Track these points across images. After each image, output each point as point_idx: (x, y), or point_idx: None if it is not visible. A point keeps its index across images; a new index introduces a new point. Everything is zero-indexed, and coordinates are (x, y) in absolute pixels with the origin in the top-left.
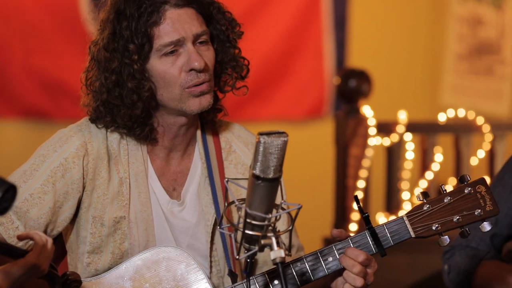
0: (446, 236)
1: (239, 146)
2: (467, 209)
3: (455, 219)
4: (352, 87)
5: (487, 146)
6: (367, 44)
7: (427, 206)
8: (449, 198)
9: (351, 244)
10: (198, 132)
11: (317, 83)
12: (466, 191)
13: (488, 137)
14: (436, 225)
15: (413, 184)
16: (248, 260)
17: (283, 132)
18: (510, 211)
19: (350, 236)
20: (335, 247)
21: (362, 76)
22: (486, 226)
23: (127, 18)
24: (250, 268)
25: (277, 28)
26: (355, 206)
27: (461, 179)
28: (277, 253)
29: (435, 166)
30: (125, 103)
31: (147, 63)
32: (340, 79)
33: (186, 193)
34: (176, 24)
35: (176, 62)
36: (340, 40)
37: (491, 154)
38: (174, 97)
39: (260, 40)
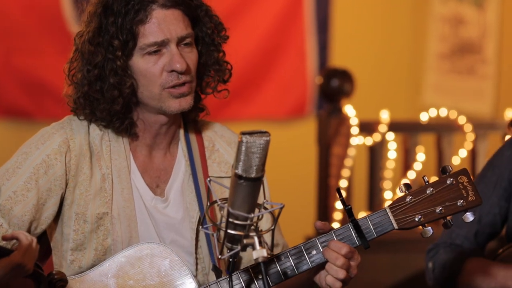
0: (429, 228)
1: (222, 145)
2: (450, 199)
3: (437, 210)
4: (334, 87)
5: (469, 145)
6: (349, 44)
7: (410, 197)
8: (431, 189)
9: (334, 237)
10: (181, 131)
11: (299, 83)
12: (448, 182)
13: (470, 136)
14: (419, 216)
15: (396, 184)
16: (231, 260)
17: (266, 132)
18: (493, 209)
19: (333, 229)
20: (318, 240)
21: (345, 76)
22: (469, 217)
23: (114, 14)
24: (232, 267)
25: (260, 28)
26: (338, 205)
27: (443, 170)
28: (259, 252)
29: (417, 166)
30: (106, 98)
31: (130, 60)
32: (322, 79)
33: (170, 190)
34: (162, 25)
35: (158, 61)
36: (322, 41)
37: (473, 154)
38: (154, 96)
39: (243, 40)
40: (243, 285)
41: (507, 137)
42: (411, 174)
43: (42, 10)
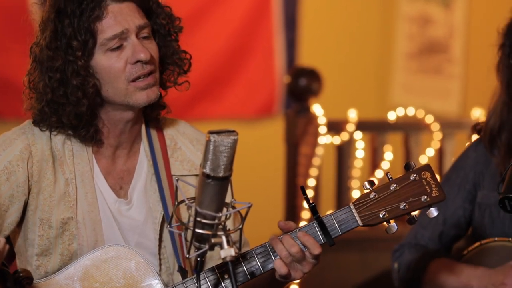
0: (394, 224)
1: (184, 143)
2: (414, 195)
3: (401, 206)
4: (302, 86)
5: (436, 144)
6: (317, 43)
7: (374, 194)
8: (395, 185)
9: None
10: (143, 130)
11: (268, 82)
12: (411, 178)
13: (437, 135)
14: (383, 213)
15: (363, 183)
16: (199, 259)
17: (233, 131)
18: (458, 211)
19: (298, 227)
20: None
21: (312, 75)
22: (433, 212)
23: (69, 16)
24: (200, 266)
25: (228, 27)
26: (306, 204)
27: (407, 166)
28: (227, 251)
29: (385, 165)
30: (70, 101)
31: (92, 59)
32: (290, 78)
33: (133, 192)
34: (119, 17)
35: (120, 55)
36: (290, 39)
37: (440, 153)
38: (120, 91)
39: (211, 38)
40: (209, 285)
41: (474, 137)
42: (379, 173)
43: (8, 9)
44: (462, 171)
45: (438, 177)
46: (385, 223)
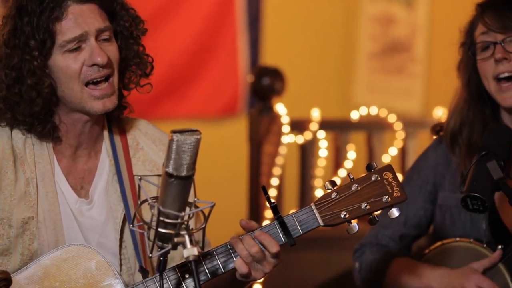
0: (355, 224)
1: (146, 143)
2: (375, 196)
3: (363, 206)
4: (265, 85)
5: (399, 143)
6: (280, 43)
7: (335, 194)
8: (356, 185)
9: None
10: (105, 130)
11: (231, 81)
12: (373, 178)
13: (400, 134)
14: (344, 213)
15: (325, 183)
16: (161, 259)
17: (196, 130)
18: (419, 212)
19: (260, 226)
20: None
21: (276, 74)
22: (395, 213)
23: (29, 14)
24: (163, 266)
25: (191, 26)
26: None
27: (368, 167)
28: (190, 251)
29: (348, 164)
30: (24, 100)
31: (49, 59)
32: (253, 77)
33: (94, 191)
34: (79, 20)
35: (78, 57)
36: (254, 39)
37: (403, 152)
38: (76, 94)
39: (174, 37)
40: (170, 284)
41: (435, 137)
42: (342, 172)
43: None
44: (423, 172)
45: (400, 176)
46: (346, 223)
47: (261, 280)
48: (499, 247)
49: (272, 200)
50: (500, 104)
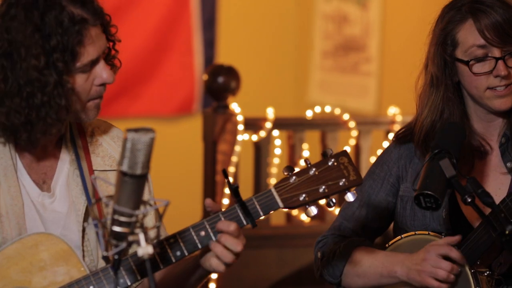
0: (313, 207)
1: (105, 140)
2: (332, 179)
3: (321, 190)
4: (220, 84)
5: (353, 141)
6: (235, 42)
7: (294, 178)
8: (314, 169)
9: (222, 218)
10: (66, 127)
11: (186, 80)
12: (329, 163)
13: (354, 133)
14: (304, 195)
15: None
16: (116, 257)
17: (151, 129)
18: (381, 204)
19: (221, 211)
20: (206, 222)
21: (230, 73)
22: (350, 197)
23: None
24: (118, 264)
25: (147, 25)
26: (225, 201)
27: (324, 154)
28: (145, 249)
29: (303, 162)
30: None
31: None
32: (208, 76)
33: (56, 185)
34: (96, 42)
35: (89, 77)
36: (209, 38)
37: (357, 149)
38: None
39: (130, 36)
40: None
41: (391, 134)
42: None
43: None
44: (386, 165)
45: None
46: (305, 205)
47: (216, 277)
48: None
49: (233, 183)
50: (492, 108)
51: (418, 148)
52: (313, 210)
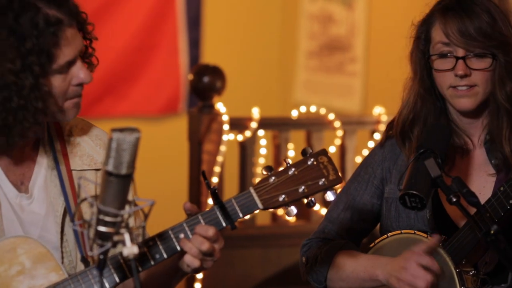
0: (293, 207)
1: (83, 139)
2: (311, 179)
3: (300, 190)
4: (205, 83)
5: (338, 141)
6: (220, 41)
7: (273, 178)
8: (293, 169)
9: (201, 220)
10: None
11: (172, 80)
12: (309, 163)
13: (339, 132)
14: (283, 196)
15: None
16: (101, 257)
17: (136, 129)
18: (366, 206)
19: (200, 211)
20: (185, 224)
21: (216, 73)
22: (330, 196)
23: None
24: (103, 265)
25: (132, 25)
26: (210, 201)
27: (303, 152)
28: (130, 249)
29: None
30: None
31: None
32: (193, 76)
33: (34, 186)
34: (72, 43)
35: (66, 78)
36: (194, 38)
37: (342, 149)
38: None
39: (115, 36)
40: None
41: (376, 134)
42: None
43: None
44: (370, 168)
45: (339, 173)
46: (285, 206)
47: (201, 277)
48: (442, 237)
49: (212, 186)
50: (454, 107)
51: (397, 139)
52: (293, 210)
